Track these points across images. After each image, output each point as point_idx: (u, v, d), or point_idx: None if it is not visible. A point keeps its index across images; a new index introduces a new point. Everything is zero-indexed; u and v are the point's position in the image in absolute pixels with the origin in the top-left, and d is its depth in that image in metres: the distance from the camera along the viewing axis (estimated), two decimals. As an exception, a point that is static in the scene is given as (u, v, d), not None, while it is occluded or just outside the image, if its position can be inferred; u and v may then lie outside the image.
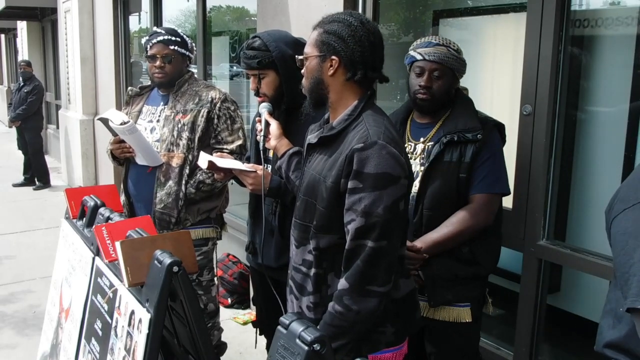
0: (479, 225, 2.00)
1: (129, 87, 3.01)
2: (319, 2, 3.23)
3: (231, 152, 2.65)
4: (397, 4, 3.43)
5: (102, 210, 2.11)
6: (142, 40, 2.80)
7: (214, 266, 2.90)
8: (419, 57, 2.07)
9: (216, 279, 2.98)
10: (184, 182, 2.67)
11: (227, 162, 2.14)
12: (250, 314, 3.90)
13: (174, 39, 2.71)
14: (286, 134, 2.01)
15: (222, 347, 3.02)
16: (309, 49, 1.66)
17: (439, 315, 2.08)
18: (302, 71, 1.71)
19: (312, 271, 1.64)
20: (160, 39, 2.69)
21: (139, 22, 6.68)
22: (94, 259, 1.99)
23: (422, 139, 2.13)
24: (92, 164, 7.49)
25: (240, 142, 2.72)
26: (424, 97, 2.07)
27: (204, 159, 2.13)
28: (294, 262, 1.74)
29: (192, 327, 1.62)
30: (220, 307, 3.09)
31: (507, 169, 2.11)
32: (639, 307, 1.13)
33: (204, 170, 2.55)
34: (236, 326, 3.77)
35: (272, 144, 1.99)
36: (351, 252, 1.52)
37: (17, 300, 4.23)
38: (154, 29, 2.84)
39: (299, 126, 2.06)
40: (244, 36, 4.95)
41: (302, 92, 1.75)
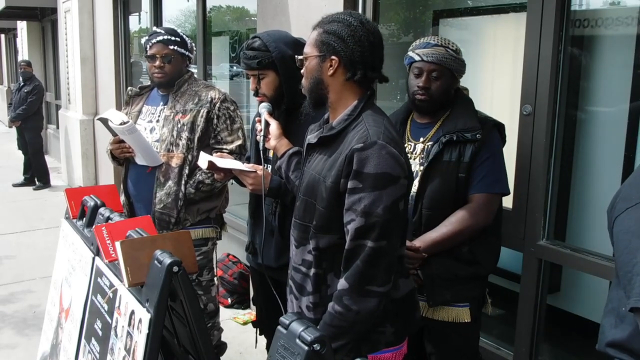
0: (478, 225, 2.01)
1: (129, 87, 3.01)
2: (319, 2, 3.23)
3: (231, 152, 2.65)
4: (397, 4, 3.43)
5: (102, 210, 2.11)
6: (142, 40, 2.80)
7: (214, 266, 2.90)
8: (417, 58, 2.08)
9: (216, 279, 2.98)
10: (183, 182, 2.67)
11: (227, 162, 2.14)
12: (250, 314, 3.90)
13: (173, 38, 2.71)
14: (286, 134, 2.00)
15: (222, 347, 3.02)
16: (309, 49, 1.66)
17: (438, 315, 2.08)
18: (301, 71, 1.71)
19: (312, 271, 1.64)
20: (159, 38, 2.69)
21: (139, 22, 6.69)
22: (94, 259, 1.99)
23: (421, 139, 2.13)
24: (92, 164, 7.49)
25: (239, 142, 2.71)
26: (422, 98, 2.07)
27: (203, 159, 2.13)
28: (293, 262, 1.74)
29: (192, 327, 1.62)
30: (220, 307, 3.09)
31: (507, 169, 2.11)
32: None
33: (204, 170, 2.55)
34: (236, 326, 3.77)
35: (271, 144, 1.99)
36: (351, 252, 1.52)
37: (17, 300, 4.22)
38: (154, 29, 2.84)
39: (298, 126, 2.06)
40: (244, 36, 4.95)
41: (302, 92, 1.75)
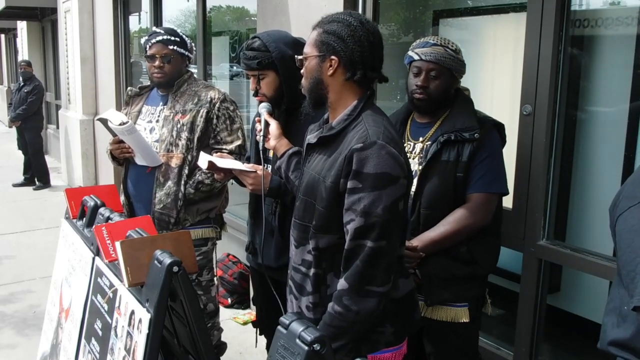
0: (476, 224, 2.00)
1: (129, 87, 3.01)
2: (319, 2, 3.23)
3: (230, 152, 2.65)
4: (397, 4, 3.43)
5: (102, 210, 2.11)
6: (142, 40, 2.80)
7: (214, 266, 2.90)
8: (416, 57, 2.08)
9: (216, 279, 2.98)
10: (183, 182, 2.66)
11: (227, 162, 2.14)
12: (250, 314, 3.90)
13: (173, 38, 2.71)
14: (286, 134, 2.00)
15: (222, 347, 3.02)
16: (309, 49, 1.66)
17: (437, 315, 2.08)
18: (301, 71, 1.71)
19: (312, 271, 1.64)
20: (159, 38, 2.68)
21: (139, 22, 6.69)
22: (94, 259, 1.99)
23: (421, 139, 2.13)
24: (92, 164, 7.49)
25: (239, 142, 2.71)
26: (420, 97, 2.07)
27: (203, 159, 2.13)
28: (293, 262, 1.74)
29: (192, 327, 1.62)
30: (220, 307, 3.09)
31: (506, 169, 2.11)
32: None
33: (203, 170, 2.54)
34: (236, 326, 3.77)
35: (271, 144, 1.99)
36: (350, 252, 1.52)
37: (17, 300, 4.22)
38: (153, 29, 2.84)
39: (298, 126, 2.06)
40: (244, 36, 4.95)
41: (302, 92, 1.75)
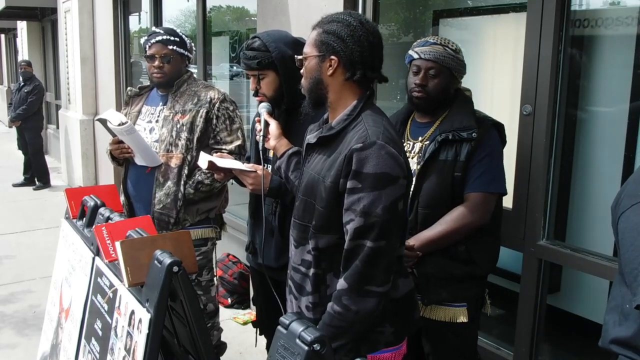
0: (474, 224, 2.00)
1: (128, 88, 3.01)
2: (319, 2, 3.23)
3: (230, 152, 2.64)
4: (397, 4, 3.43)
5: (102, 210, 2.11)
6: (142, 40, 2.80)
7: (214, 266, 2.90)
8: (415, 55, 2.09)
9: (216, 279, 2.98)
10: (182, 182, 2.66)
11: (227, 162, 2.13)
12: (250, 314, 3.90)
13: (172, 38, 2.70)
14: (286, 134, 2.00)
15: (222, 347, 3.02)
16: (308, 49, 1.66)
17: (436, 315, 2.08)
18: (301, 71, 1.71)
19: (311, 271, 1.64)
20: (158, 38, 2.68)
21: (139, 22, 6.69)
22: (94, 259, 1.99)
23: (420, 138, 2.13)
24: (92, 164, 7.49)
25: (239, 142, 2.71)
26: (419, 95, 2.07)
27: (204, 159, 2.13)
28: (293, 262, 1.74)
29: (192, 327, 1.62)
30: (220, 307, 3.09)
31: (506, 169, 2.11)
32: None
33: (203, 170, 2.54)
34: (236, 326, 3.78)
35: (271, 144, 1.99)
36: (350, 252, 1.52)
37: (17, 300, 4.22)
38: (153, 29, 2.83)
39: (298, 126, 2.06)
40: (244, 36, 4.95)
41: (301, 92, 1.75)
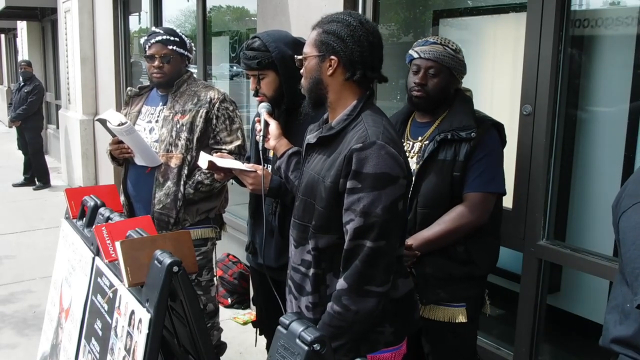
0: (472, 223, 1.99)
1: (128, 88, 3.01)
2: (319, 2, 3.23)
3: (230, 152, 2.64)
4: (397, 4, 3.43)
5: (102, 210, 2.11)
6: (141, 40, 2.80)
7: (214, 266, 2.90)
8: (415, 55, 2.09)
9: (216, 279, 2.98)
10: (182, 182, 2.66)
11: (227, 162, 2.13)
12: (250, 314, 3.90)
13: (172, 38, 2.70)
14: (286, 134, 2.00)
15: (222, 347, 3.02)
16: (308, 49, 1.66)
17: (435, 315, 2.08)
18: (301, 71, 1.71)
19: (311, 271, 1.64)
20: (158, 38, 2.68)
21: (139, 22, 6.69)
22: (94, 259, 1.99)
23: (419, 138, 2.13)
24: (92, 164, 7.49)
25: (238, 142, 2.71)
26: (418, 94, 2.07)
27: (204, 159, 2.13)
28: (292, 262, 1.74)
29: (192, 327, 1.62)
30: (220, 307, 3.09)
31: (506, 169, 2.11)
32: None
33: (203, 170, 2.54)
34: (236, 326, 3.77)
35: (271, 144, 1.99)
36: (350, 252, 1.52)
37: (17, 300, 4.22)
38: (153, 29, 2.83)
39: (298, 126, 2.06)
40: (244, 36, 4.95)
41: (301, 92, 1.75)
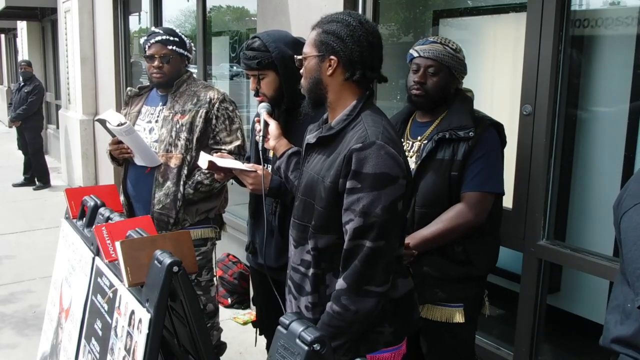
0: (470, 223, 1.99)
1: (128, 88, 3.01)
2: (319, 2, 3.23)
3: (229, 152, 2.64)
4: (397, 4, 3.43)
5: (102, 210, 2.11)
6: (141, 40, 2.80)
7: (213, 266, 2.90)
8: (415, 54, 2.10)
9: (216, 279, 2.98)
10: (182, 182, 2.66)
11: (227, 162, 2.13)
12: (250, 314, 3.90)
13: (172, 39, 2.70)
14: (286, 134, 2.00)
15: (222, 347, 3.02)
16: (308, 49, 1.66)
17: (432, 315, 2.08)
18: (300, 71, 1.71)
19: (311, 271, 1.64)
20: (158, 39, 2.68)
21: (139, 22, 6.69)
22: (94, 259, 1.99)
23: (419, 137, 2.13)
24: (92, 164, 7.49)
25: (238, 142, 2.71)
26: (417, 93, 2.08)
27: (204, 159, 2.13)
28: (292, 262, 1.74)
29: (192, 327, 1.62)
30: (220, 307, 3.09)
31: (506, 169, 2.10)
32: None
33: (203, 170, 2.54)
34: (236, 326, 3.77)
35: (271, 144, 1.99)
36: (349, 252, 1.52)
37: (17, 300, 4.22)
38: (152, 29, 2.83)
39: (298, 126, 2.06)
40: (244, 36, 4.95)
41: (302, 92, 1.75)
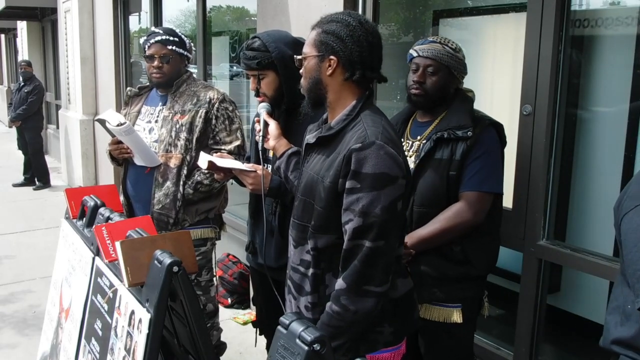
0: (468, 223, 1.99)
1: (128, 88, 3.01)
2: (319, 2, 3.23)
3: (229, 152, 2.63)
4: (397, 4, 3.43)
5: (102, 210, 2.11)
6: (141, 40, 2.80)
7: (213, 266, 2.90)
8: (415, 54, 2.10)
9: (216, 279, 2.98)
10: (181, 182, 2.66)
11: (227, 162, 2.13)
12: (250, 314, 3.90)
13: (172, 39, 2.70)
14: (285, 134, 2.00)
15: (222, 347, 3.02)
16: (308, 49, 1.66)
17: (430, 314, 2.08)
18: (300, 71, 1.71)
19: (310, 271, 1.64)
20: (158, 39, 2.68)
21: (139, 22, 6.69)
22: (94, 259, 1.99)
23: (419, 137, 2.13)
24: (92, 164, 7.49)
25: (238, 142, 2.71)
26: (416, 92, 2.08)
27: (203, 159, 2.13)
28: (292, 262, 1.74)
29: (192, 327, 1.62)
30: (220, 307, 3.09)
31: (506, 169, 2.10)
32: None
33: (202, 170, 2.54)
34: (236, 326, 3.78)
35: (270, 144, 1.99)
36: (349, 252, 1.52)
37: (17, 300, 4.22)
38: (152, 29, 2.83)
39: (298, 126, 2.06)
40: (244, 36, 4.95)
41: (301, 92, 1.75)
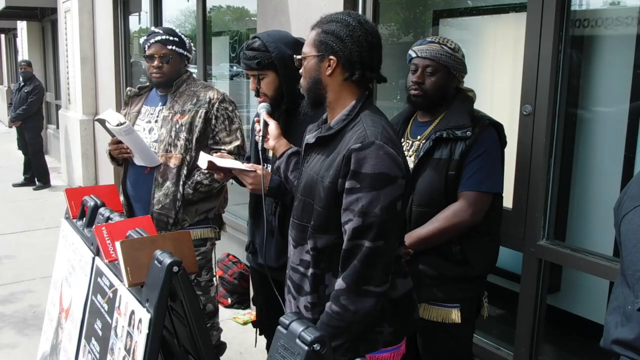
0: (466, 222, 1.98)
1: (128, 88, 3.01)
2: (319, 2, 3.23)
3: (229, 152, 2.63)
4: (397, 4, 3.43)
5: (102, 210, 2.11)
6: (141, 40, 2.80)
7: (213, 266, 2.90)
8: (414, 54, 2.10)
9: (216, 279, 2.98)
10: (181, 182, 2.66)
11: (226, 162, 2.14)
12: (250, 314, 3.90)
13: (171, 38, 2.70)
14: (285, 134, 2.00)
15: (222, 347, 3.02)
16: (307, 49, 1.66)
17: (429, 314, 2.08)
18: (300, 71, 1.71)
19: (310, 271, 1.64)
20: (158, 38, 2.68)
21: (139, 22, 6.69)
22: (94, 259, 1.99)
23: (419, 137, 2.13)
24: (92, 164, 7.49)
25: (238, 142, 2.71)
26: (415, 93, 2.08)
27: (203, 159, 2.13)
28: (291, 262, 1.74)
29: (192, 327, 1.62)
30: (220, 307, 3.09)
31: (506, 169, 2.10)
32: None
33: (202, 170, 2.54)
34: (236, 326, 3.78)
35: (270, 144, 1.99)
36: (348, 252, 1.52)
37: (17, 300, 4.23)
38: (152, 28, 2.83)
39: (298, 126, 2.06)
40: (244, 36, 4.95)
41: (301, 92, 1.75)
